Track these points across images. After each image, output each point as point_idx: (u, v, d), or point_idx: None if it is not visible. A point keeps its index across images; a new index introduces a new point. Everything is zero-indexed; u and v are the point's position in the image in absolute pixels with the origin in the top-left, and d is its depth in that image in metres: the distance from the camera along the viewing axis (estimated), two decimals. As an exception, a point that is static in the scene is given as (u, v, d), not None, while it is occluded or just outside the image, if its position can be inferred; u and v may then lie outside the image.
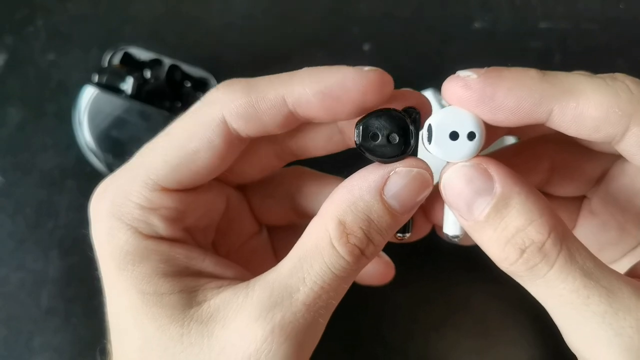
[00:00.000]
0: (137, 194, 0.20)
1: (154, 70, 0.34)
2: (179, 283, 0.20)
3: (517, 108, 0.18)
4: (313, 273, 0.19)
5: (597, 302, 0.17)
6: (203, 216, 0.23)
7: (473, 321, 0.34)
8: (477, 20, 0.38)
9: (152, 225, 0.21)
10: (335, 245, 0.19)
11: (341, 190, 0.19)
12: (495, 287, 0.33)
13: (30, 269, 0.34)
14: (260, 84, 0.20)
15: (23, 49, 0.37)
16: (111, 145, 0.32)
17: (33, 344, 0.33)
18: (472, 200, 0.18)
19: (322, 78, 0.19)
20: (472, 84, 0.18)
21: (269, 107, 0.20)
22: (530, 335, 0.33)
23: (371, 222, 0.19)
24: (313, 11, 0.38)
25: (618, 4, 0.38)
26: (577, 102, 0.18)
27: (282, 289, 0.19)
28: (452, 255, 0.34)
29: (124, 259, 0.20)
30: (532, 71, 0.18)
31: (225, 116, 0.20)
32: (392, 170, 0.19)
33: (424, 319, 0.34)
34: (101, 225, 0.21)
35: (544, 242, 0.17)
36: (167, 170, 0.20)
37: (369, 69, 0.20)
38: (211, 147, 0.20)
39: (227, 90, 0.20)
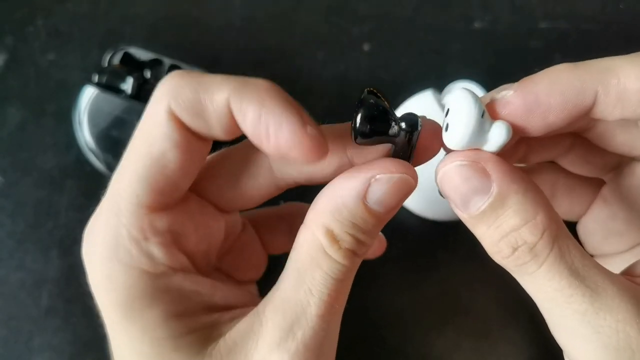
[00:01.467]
0: (126, 227, 0.19)
1: (154, 70, 0.34)
2: (192, 322, 0.19)
3: (564, 102, 0.18)
4: (317, 283, 0.19)
5: (580, 301, 0.17)
6: (201, 239, 0.22)
7: (473, 322, 0.34)
8: (477, 20, 0.38)
9: (153, 257, 0.20)
10: (330, 253, 0.19)
11: (324, 198, 0.19)
12: (496, 287, 0.33)
13: (30, 269, 0.34)
14: (210, 82, 0.19)
15: (23, 49, 0.37)
16: (111, 145, 0.32)
17: (33, 344, 0.33)
18: (469, 198, 0.18)
19: (268, 114, 0.18)
20: (512, 99, 0.18)
21: (214, 108, 0.18)
22: (530, 336, 0.33)
23: (357, 227, 0.19)
24: (313, 11, 0.38)
25: (618, 4, 0.38)
26: (617, 78, 0.18)
27: (293, 307, 0.19)
28: (453, 256, 0.34)
29: (132, 305, 0.19)
30: (562, 65, 0.19)
31: (173, 109, 0.19)
32: (372, 176, 0.19)
33: (424, 320, 0.34)
34: (99, 272, 0.19)
35: (536, 243, 0.18)
36: (142, 185, 0.19)
37: (314, 134, 0.18)
38: (173, 143, 0.19)
39: (173, 81, 0.19)
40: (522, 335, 0.33)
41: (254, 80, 0.19)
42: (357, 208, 0.19)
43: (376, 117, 0.18)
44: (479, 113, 0.18)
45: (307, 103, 0.19)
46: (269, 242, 0.28)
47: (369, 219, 0.19)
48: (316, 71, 0.37)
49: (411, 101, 0.34)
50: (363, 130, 0.18)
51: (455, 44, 0.37)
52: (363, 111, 0.18)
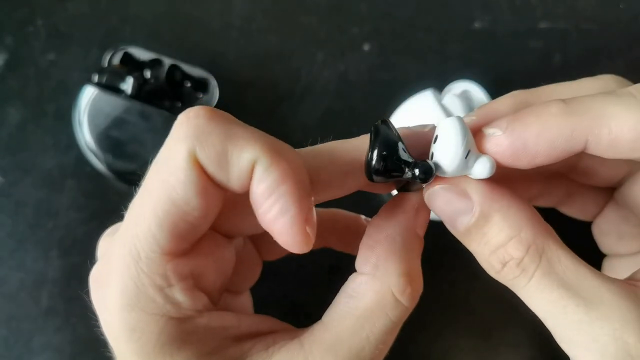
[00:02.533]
0: (147, 275, 0.18)
1: (154, 70, 0.34)
2: (224, 356, 0.19)
3: (552, 149, 0.18)
4: (377, 331, 0.19)
5: (574, 311, 0.18)
6: (219, 275, 0.22)
7: (473, 322, 0.34)
8: (477, 20, 0.38)
9: (178, 303, 0.19)
10: (400, 298, 0.20)
11: (384, 241, 0.20)
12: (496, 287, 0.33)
13: (30, 269, 0.34)
14: (238, 137, 0.18)
15: (23, 49, 0.37)
16: (111, 145, 0.32)
17: (33, 344, 0.33)
18: (454, 218, 0.19)
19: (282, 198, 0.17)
20: (500, 141, 0.19)
21: (239, 167, 0.18)
22: (530, 336, 0.33)
23: (415, 260, 0.20)
24: (313, 11, 0.38)
25: (618, 4, 0.38)
26: (609, 129, 0.18)
27: (347, 351, 0.19)
28: (453, 256, 0.34)
29: (161, 351, 0.18)
30: (553, 107, 0.18)
31: (198, 154, 0.17)
32: (415, 205, 0.20)
33: (424, 320, 0.34)
34: (117, 322, 0.18)
35: (522, 258, 0.18)
36: (162, 231, 0.18)
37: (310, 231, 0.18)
38: (196, 190, 0.18)
39: (200, 125, 0.18)
40: (522, 335, 0.33)
41: (284, 148, 0.18)
42: (414, 240, 0.20)
43: (390, 158, 0.18)
44: (463, 152, 0.18)
45: (307, 103, 0.19)
46: (265, 249, 0.27)
47: (419, 247, 0.20)
48: (316, 71, 0.37)
49: (411, 101, 0.34)
50: (378, 169, 0.18)
51: (455, 44, 0.37)
52: (379, 149, 0.18)
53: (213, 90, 0.34)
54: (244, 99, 0.36)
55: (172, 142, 0.18)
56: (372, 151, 0.18)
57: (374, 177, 0.18)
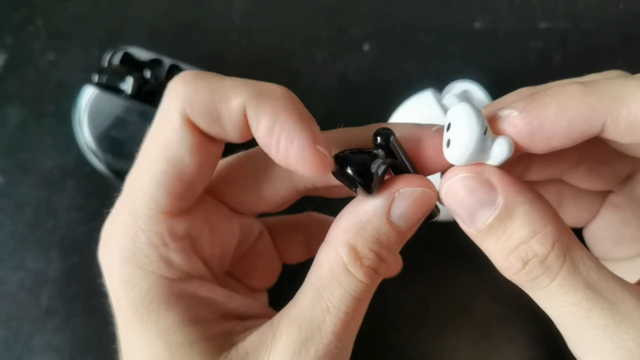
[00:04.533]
0: (144, 232, 0.19)
1: (154, 70, 0.34)
2: (207, 329, 0.19)
3: (570, 130, 0.17)
4: (335, 301, 0.19)
5: (599, 314, 0.17)
6: (216, 242, 0.22)
7: (473, 322, 0.34)
8: (477, 20, 0.38)
9: (172, 263, 0.20)
10: (351, 270, 0.19)
11: (347, 216, 0.19)
12: (496, 288, 0.33)
13: (30, 269, 0.34)
14: (226, 85, 0.18)
15: (23, 49, 0.37)
16: (111, 145, 0.32)
17: (33, 344, 0.33)
18: (475, 211, 0.18)
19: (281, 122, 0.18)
20: (516, 121, 0.18)
21: (229, 113, 0.18)
22: (530, 336, 0.33)
23: (381, 244, 0.19)
24: (313, 11, 0.38)
25: (618, 4, 0.38)
26: (629, 109, 0.17)
27: (309, 323, 0.19)
28: (453, 257, 0.34)
29: (148, 308, 0.19)
30: (572, 87, 0.18)
31: (187, 112, 0.18)
32: (396, 191, 0.19)
33: (424, 320, 0.34)
34: (116, 275, 0.19)
35: (547, 255, 0.17)
36: (160, 190, 0.19)
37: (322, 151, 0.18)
38: (189, 148, 0.19)
39: (188, 84, 0.18)
40: (522, 335, 0.33)
41: (270, 87, 0.19)
42: (382, 223, 0.18)
43: (355, 161, 0.18)
44: (481, 130, 0.17)
45: (307, 103, 0.19)
46: (284, 250, 0.28)
47: (392, 236, 0.19)
48: (316, 71, 0.37)
49: (411, 101, 0.34)
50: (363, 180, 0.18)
51: (455, 44, 0.37)
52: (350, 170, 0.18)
53: (213, 90, 0.34)
54: (244, 99, 0.36)
55: (164, 105, 0.19)
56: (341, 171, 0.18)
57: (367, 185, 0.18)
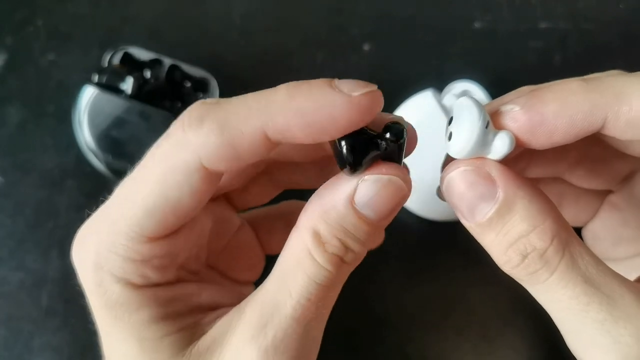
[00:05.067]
0: (124, 247, 0.19)
1: (154, 70, 0.34)
2: (178, 323, 0.20)
3: (571, 125, 0.18)
4: (297, 286, 0.18)
5: (597, 309, 0.17)
6: (194, 247, 0.22)
7: (473, 322, 0.34)
8: (477, 20, 0.38)
9: (146, 276, 0.20)
10: (315, 255, 0.18)
11: (313, 200, 0.19)
12: (496, 287, 0.33)
13: (30, 269, 0.34)
14: (235, 117, 0.17)
15: (23, 49, 0.37)
16: (111, 145, 0.32)
17: (33, 344, 0.33)
18: (475, 204, 0.18)
19: (307, 109, 0.17)
20: (518, 116, 0.18)
21: (249, 144, 0.17)
22: (530, 336, 0.33)
23: (346, 231, 0.18)
24: (313, 11, 0.38)
25: (618, 4, 0.38)
26: (629, 106, 0.17)
27: (270, 306, 0.18)
28: (452, 256, 0.34)
29: (119, 309, 0.19)
30: (573, 83, 0.18)
31: (203, 161, 0.18)
32: (360, 178, 0.18)
33: (424, 320, 0.34)
34: (89, 277, 0.20)
35: (546, 249, 0.17)
36: (150, 220, 0.19)
37: (359, 95, 0.17)
38: (193, 191, 0.18)
39: (198, 130, 0.18)
40: (522, 335, 0.33)
41: (273, 92, 0.18)
42: (346, 210, 0.18)
43: (359, 143, 0.18)
44: (483, 124, 0.17)
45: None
46: (267, 241, 0.28)
47: (359, 225, 0.18)
48: (316, 71, 0.37)
49: (411, 101, 0.34)
50: (353, 160, 0.18)
51: (455, 44, 0.37)
52: (346, 143, 0.18)
53: (213, 90, 0.34)
54: (244, 99, 0.36)
55: (173, 146, 0.18)
56: (340, 149, 0.18)
57: (354, 168, 0.18)
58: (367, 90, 0.17)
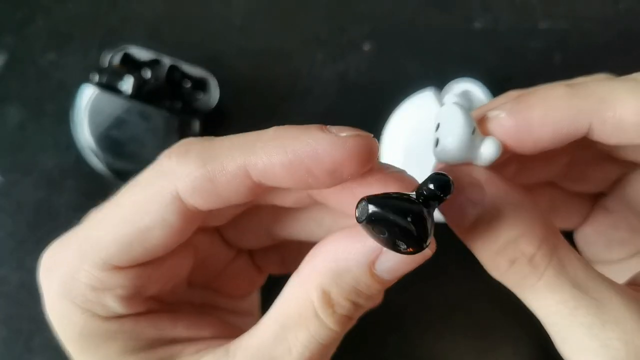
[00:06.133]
0: (87, 273, 0.18)
1: (153, 70, 0.34)
2: (151, 356, 0.19)
3: (556, 131, 0.18)
4: (299, 345, 0.18)
5: (585, 313, 0.17)
6: (168, 281, 0.21)
7: (473, 322, 0.34)
8: (477, 20, 0.38)
9: (108, 307, 0.19)
10: (321, 316, 0.17)
11: (324, 256, 0.18)
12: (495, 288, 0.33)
13: (30, 269, 0.34)
14: (219, 152, 0.17)
15: (23, 49, 0.37)
16: (111, 145, 0.32)
17: (33, 344, 0.33)
18: (463, 210, 0.18)
19: (289, 146, 0.16)
20: (504, 122, 0.18)
21: (228, 180, 0.17)
22: (530, 336, 0.33)
23: (359, 293, 0.18)
24: (313, 11, 0.38)
25: (618, 4, 0.38)
26: (614, 111, 0.17)
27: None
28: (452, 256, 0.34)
29: (85, 342, 0.19)
30: (559, 89, 0.18)
31: (179, 192, 0.17)
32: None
33: (424, 320, 0.34)
34: (54, 307, 0.19)
35: (534, 254, 0.17)
36: (117, 248, 0.18)
37: (347, 135, 0.16)
38: (165, 225, 0.18)
39: (180, 160, 0.17)
40: (522, 335, 0.33)
41: (261, 133, 0.17)
42: (363, 274, 0.17)
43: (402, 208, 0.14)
44: (469, 130, 0.17)
45: (307, 103, 0.19)
46: (263, 262, 0.27)
47: (373, 286, 0.17)
48: (316, 71, 0.37)
49: (411, 101, 0.34)
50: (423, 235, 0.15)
51: (455, 44, 0.37)
52: (414, 226, 0.14)
53: (213, 90, 0.34)
54: (244, 99, 0.36)
55: (154, 173, 0.18)
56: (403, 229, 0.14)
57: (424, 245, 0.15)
58: (357, 133, 0.16)
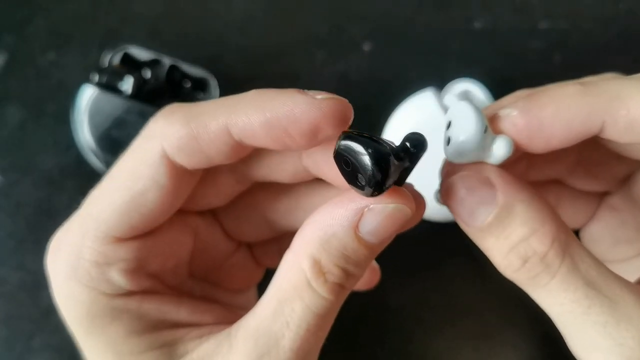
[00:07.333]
0: (90, 249, 0.19)
1: (153, 70, 0.34)
2: (156, 338, 0.19)
3: (569, 130, 0.18)
4: (296, 317, 0.18)
5: (599, 312, 0.17)
6: (169, 258, 0.22)
7: (473, 322, 0.34)
8: (477, 20, 0.38)
9: (113, 282, 0.19)
10: (314, 285, 0.18)
11: (312, 226, 0.18)
12: (495, 288, 0.33)
13: (30, 269, 0.34)
14: (202, 113, 0.18)
15: (23, 49, 0.37)
16: (111, 145, 0.32)
17: (33, 344, 0.33)
18: (474, 209, 0.18)
19: (268, 107, 0.17)
20: (516, 120, 0.18)
21: (211, 138, 0.18)
22: (530, 336, 0.33)
23: (347, 258, 0.18)
24: (313, 11, 0.38)
25: (618, 4, 0.38)
26: (627, 109, 0.17)
27: (267, 337, 0.18)
28: (452, 257, 0.34)
29: (92, 322, 0.19)
30: (570, 87, 0.18)
31: (166, 150, 0.18)
32: (365, 206, 0.17)
33: (424, 320, 0.34)
34: (61, 289, 0.20)
35: (547, 252, 0.17)
36: (116, 218, 0.19)
37: (323, 97, 0.17)
38: (158, 185, 0.18)
39: (165, 121, 0.18)
40: (522, 335, 0.33)
41: (242, 95, 0.18)
42: (348, 238, 0.17)
43: (383, 155, 0.15)
44: (482, 128, 0.17)
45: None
46: (262, 257, 0.27)
47: (360, 250, 0.18)
48: (316, 71, 0.37)
49: (411, 101, 0.34)
50: (381, 179, 0.15)
51: (455, 44, 0.37)
52: (372, 155, 0.15)
53: (213, 89, 0.34)
54: (244, 99, 0.36)
55: (142, 140, 0.19)
56: (363, 160, 0.15)
57: (380, 190, 0.16)
58: (333, 96, 0.17)
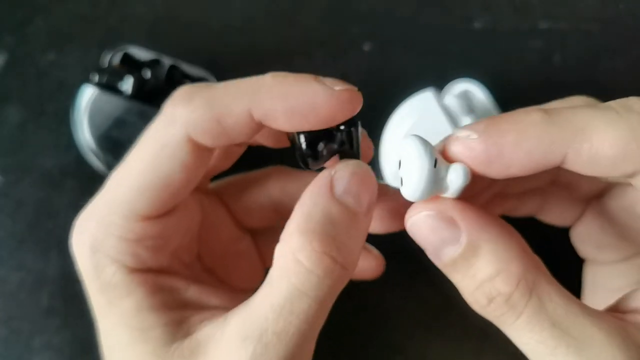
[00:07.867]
0: (119, 227, 0.20)
1: (153, 70, 0.34)
2: (164, 316, 0.20)
3: (529, 160, 0.17)
4: (280, 297, 0.17)
5: (564, 353, 0.17)
6: (185, 234, 0.22)
7: (473, 322, 0.34)
8: (477, 20, 0.38)
9: (139, 257, 0.20)
10: (300, 258, 0.17)
11: (296, 208, 0.18)
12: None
13: (30, 269, 0.34)
14: (223, 96, 0.19)
15: (23, 49, 0.37)
16: (111, 146, 0.32)
17: (33, 344, 0.33)
18: (439, 248, 0.18)
19: (290, 94, 0.18)
20: (474, 145, 0.17)
21: (235, 122, 0.19)
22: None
23: (334, 224, 0.17)
24: (313, 11, 0.38)
25: (618, 4, 0.38)
26: (590, 143, 0.17)
27: (253, 319, 0.18)
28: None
29: (112, 293, 0.20)
30: (534, 115, 0.17)
31: (191, 134, 0.19)
32: (333, 170, 0.19)
33: (424, 320, 0.34)
34: (86, 261, 0.20)
35: (512, 293, 0.17)
36: (144, 199, 0.19)
37: (340, 89, 0.18)
38: (183, 166, 0.19)
39: (187, 106, 0.19)
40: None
41: (260, 78, 0.19)
42: (328, 202, 0.18)
43: (315, 135, 0.19)
44: (430, 163, 0.17)
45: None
46: (266, 254, 0.27)
47: (343, 214, 0.18)
48: (316, 71, 0.37)
49: (411, 101, 0.34)
50: (311, 151, 0.19)
51: (455, 44, 0.37)
52: (304, 137, 0.19)
53: (213, 90, 0.34)
54: (244, 99, 0.36)
55: (164, 124, 0.19)
56: (298, 138, 0.19)
57: (313, 157, 0.19)
58: (349, 87, 0.19)
